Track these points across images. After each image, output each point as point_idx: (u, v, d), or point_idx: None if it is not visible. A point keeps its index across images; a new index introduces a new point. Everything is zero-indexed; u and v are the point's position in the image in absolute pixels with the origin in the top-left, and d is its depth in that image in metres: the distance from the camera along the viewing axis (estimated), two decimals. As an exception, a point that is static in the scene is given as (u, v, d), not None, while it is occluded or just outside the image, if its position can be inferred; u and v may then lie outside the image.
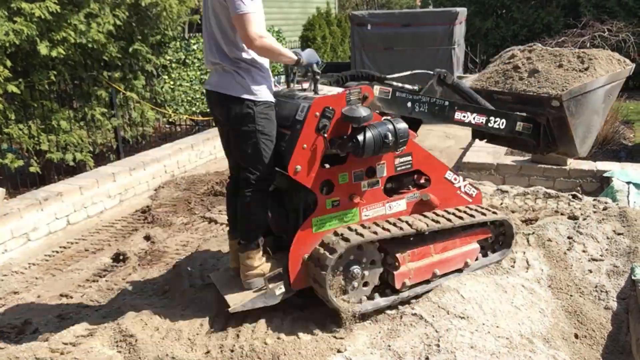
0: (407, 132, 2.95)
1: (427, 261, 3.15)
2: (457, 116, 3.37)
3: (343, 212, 3.06)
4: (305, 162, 2.90)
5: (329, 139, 2.89)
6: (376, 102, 3.11)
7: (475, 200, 3.47)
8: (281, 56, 2.97)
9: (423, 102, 3.27)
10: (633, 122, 8.77)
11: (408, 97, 3.22)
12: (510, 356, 2.58)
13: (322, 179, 2.98)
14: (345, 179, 3.02)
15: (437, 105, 3.31)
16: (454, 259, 3.25)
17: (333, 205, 3.02)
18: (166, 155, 6.77)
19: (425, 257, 3.15)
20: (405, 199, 3.23)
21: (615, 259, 3.48)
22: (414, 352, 2.63)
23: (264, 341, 2.81)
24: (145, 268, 4.12)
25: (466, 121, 3.39)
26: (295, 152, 2.86)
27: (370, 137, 2.85)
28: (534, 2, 12.65)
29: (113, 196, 5.82)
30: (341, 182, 3.02)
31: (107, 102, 6.56)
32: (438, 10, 11.42)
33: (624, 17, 11.41)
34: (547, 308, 3.04)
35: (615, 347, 2.83)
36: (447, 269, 3.24)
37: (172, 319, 3.11)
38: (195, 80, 7.96)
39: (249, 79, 2.94)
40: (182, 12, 7.14)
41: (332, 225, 3.05)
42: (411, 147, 3.15)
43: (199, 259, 3.80)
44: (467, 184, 3.45)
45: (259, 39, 2.82)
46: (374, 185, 3.12)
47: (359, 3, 22.51)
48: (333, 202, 3.02)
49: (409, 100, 3.22)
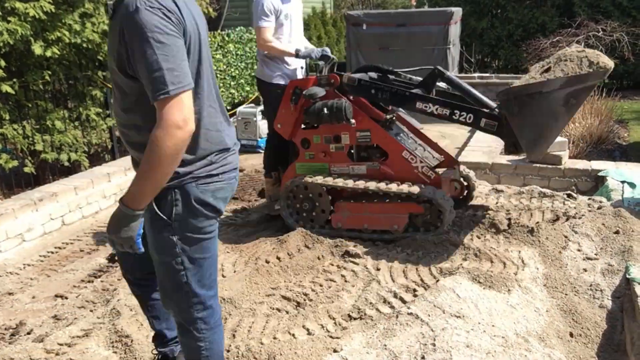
0: (342, 109, 3.89)
1: (358, 214, 4.01)
2: (418, 105, 3.91)
3: (317, 164, 4.20)
4: (283, 122, 4.26)
5: (302, 108, 4.11)
6: (344, 87, 4.07)
7: (432, 182, 3.98)
8: (281, 53, 4.42)
9: (385, 91, 3.98)
10: (627, 121, 8.81)
11: (372, 85, 4.01)
12: (506, 355, 2.59)
13: (302, 137, 4.22)
14: (319, 139, 4.17)
15: (399, 95, 3.96)
16: (383, 221, 3.96)
17: (310, 157, 4.22)
18: (161, 155, 6.73)
19: (358, 211, 4.02)
20: (366, 165, 4.11)
21: (610, 257, 3.49)
22: (409, 351, 2.64)
23: (260, 341, 2.81)
24: (141, 268, 4.10)
25: (428, 111, 3.90)
26: (277, 114, 4.27)
27: (313, 109, 3.99)
28: (528, 2, 12.67)
29: (108, 196, 5.81)
30: (315, 142, 4.19)
31: (102, 102, 6.53)
32: (433, 10, 11.42)
33: (618, 17, 11.45)
34: (542, 307, 3.05)
35: (610, 346, 2.84)
36: (376, 227, 3.99)
37: (167, 319, 3.10)
38: (191, 80, 7.95)
39: (266, 67, 4.51)
40: (178, 12, 7.12)
41: (309, 171, 4.21)
42: (370, 126, 4.04)
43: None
44: (425, 166, 4.00)
45: (265, 44, 4.37)
46: (340, 149, 4.14)
47: (354, 3, 22.50)
48: (309, 154, 4.22)
49: (372, 88, 4.01)
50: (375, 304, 3.08)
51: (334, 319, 2.99)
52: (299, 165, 4.25)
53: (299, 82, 4.22)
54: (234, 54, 8.78)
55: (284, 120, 4.24)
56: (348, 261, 3.59)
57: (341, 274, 3.44)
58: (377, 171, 4.06)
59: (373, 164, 4.08)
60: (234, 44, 8.80)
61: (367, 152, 4.19)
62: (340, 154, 4.14)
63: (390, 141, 4.06)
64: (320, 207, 4.17)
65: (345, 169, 4.14)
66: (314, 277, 3.43)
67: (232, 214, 5.22)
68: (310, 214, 4.21)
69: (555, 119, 3.53)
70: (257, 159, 7.65)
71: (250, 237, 4.33)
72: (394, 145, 4.05)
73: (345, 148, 4.13)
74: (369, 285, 3.27)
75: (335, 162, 4.16)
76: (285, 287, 3.35)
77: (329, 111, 3.93)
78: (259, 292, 3.32)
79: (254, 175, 6.73)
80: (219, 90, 2.80)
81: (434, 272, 3.35)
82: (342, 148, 4.13)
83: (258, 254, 3.80)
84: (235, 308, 3.13)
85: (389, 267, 3.47)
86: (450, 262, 3.44)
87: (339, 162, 4.15)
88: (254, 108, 8.10)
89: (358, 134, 4.06)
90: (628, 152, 7.09)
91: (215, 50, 8.36)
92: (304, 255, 3.70)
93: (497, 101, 3.74)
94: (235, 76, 8.86)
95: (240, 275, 3.48)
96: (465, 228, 4.09)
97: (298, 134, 4.23)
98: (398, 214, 3.93)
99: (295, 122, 4.19)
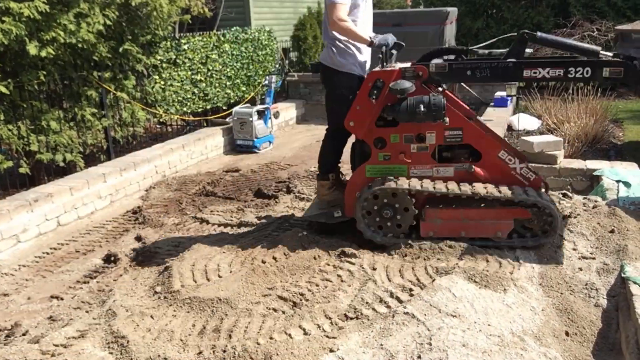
0: (441, 105, 3.49)
1: (455, 222, 3.61)
2: (526, 73, 3.54)
3: (393, 166, 3.75)
4: (357, 119, 3.72)
5: (382, 105, 3.61)
6: (434, 77, 3.64)
7: (532, 184, 3.66)
8: (355, 36, 3.79)
9: (484, 68, 3.59)
10: (622, 121, 8.84)
11: (466, 66, 3.62)
12: (502, 354, 2.59)
13: (376, 136, 3.73)
14: (397, 139, 3.71)
15: (500, 68, 3.58)
16: (485, 228, 3.60)
17: (384, 158, 3.75)
18: (157, 155, 6.74)
19: (455, 218, 3.62)
20: (454, 167, 3.71)
21: (605, 256, 3.50)
22: (406, 350, 2.64)
23: (256, 341, 2.81)
24: (137, 269, 4.10)
25: (539, 77, 3.53)
26: (350, 111, 3.74)
27: (405, 106, 3.52)
28: (524, 2, 12.71)
29: (104, 197, 5.79)
30: (393, 141, 3.72)
31: (98, 102, 6.52)
32: (429, 10, 11.44)
33: (613, 17, 11.49)
34: (538, 306, 3.06)
35: (605, 344, 2.85)
36: (475, 234, 3.62)
37: (164, 319, 3.10)
38: (186, 80, 7.92)
39: (337, 54, 3.88)
40: (173, 11, 7.10)
41: (382, 173, 3.77)
42: (463, 123, 3.65)
43: (190, 259, 3.79)
44: (524, 167, 3.66)
45: (339, 22, 3.70)
46: (423, 149, 3.70)
47: (350, 3, 22.50)
48: (385, 155, 3.75)
49: (467, 69, 3.62)
50: (372, 303, 3.08)
51: (331, 319, 2.99)
52: (370, 168, 3.79)
53: (381, 74, 3.64)
54: (229, 54, 8.77)
55: (360, 117, 3.72)
56: (344, 261, 3.59)
57: (337, 273, 3.44)
58: (468, 173, 3.67)
59: (462, 165, 3.69)
60: (230, 44, 8.79)
61: (452, 152, 3.79)
62: (423, 155, 3.71)
63: (485, 140, 3.69)
64: (402, 214, 3.72)
65: (429, 171, 3.73)
66: (310, 277, 3.43)
67: (228, 215, 5.21)
68: (391, 222, 3.75)
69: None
70: (252, 159, 7.65)
71: (247, 237, 4.32)
72: (490, 145, 3.69)
73: (430, 148, 3.71)
74: (365, 285, 3.27)
75: (416, 163, 3.73)
76: (281, 287, 3.34)
77: (426, 109, 3.48)
78: (255, 292, 3.31)
79: (250, 175, 6.73)
80: (214, 90, 2.80)
81: (430, 271, 3.35)
82: (425, 148, 3.70)
83: (254, 254, 3.80)
84: (232, 308, 3.13)
85: (385, 266, 3.47)
86: (446, 262, 3.45)
87: (421, 163, 3.72)
88: (250, 108, 8.09)
89: (448, 132, 3.65)
90: (623, 152, 7.12)
91: (210, 51, 8.35)
92: (300, 255, 3.70)
93: None
94: (231, 76, 8.85)
95: (237, 276, 3.48)
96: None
97: (371, 132, 3.74)
98: (502, 220, 3.58)
99: (372, 119, 3.71)
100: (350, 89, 3.83)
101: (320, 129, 9.41)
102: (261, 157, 7.70)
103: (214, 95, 8.52)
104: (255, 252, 3.82)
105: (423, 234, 3.68)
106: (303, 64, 12.33)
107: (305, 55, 12.41)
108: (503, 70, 3.59)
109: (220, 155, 8.02)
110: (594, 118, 7.37)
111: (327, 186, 4.15)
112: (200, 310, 3.14)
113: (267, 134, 8.27)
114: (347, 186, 3.88)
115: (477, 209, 3.62)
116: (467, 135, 3.67)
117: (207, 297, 3.23)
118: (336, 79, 3.93)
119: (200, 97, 8.26)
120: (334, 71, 3.92)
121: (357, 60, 3.91)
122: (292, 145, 8.42)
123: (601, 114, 7.52)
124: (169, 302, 3.29)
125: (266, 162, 7.36)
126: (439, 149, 3.76)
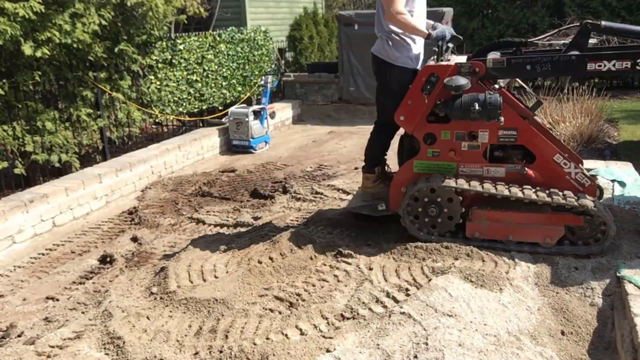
0: (497, 105, 3.37)
1: (502, 224, 3.53)
2: (590, 67, 3.40)
3: (442, 163, 3.68)
4: (408, 113, 3.64)
5: (435, 100, 3.53)
6: (491, 73, 3.53)
7: (586, 190, 3.55)
8: (413, 30, 3.68)
9: (544, 62, 3.44)
10: (617, 120, 8.88)
11: (526, 60, 3.47)
12: (498, 353, 2.60)
13: (426, 131, 3.66)
14: (447, 136, 3.62)
15: (562, 62, 3.42)
16: (532, 232, 3.51)
17: (433, 154, 3.68)
18: (153, 156, 6.73)
19: (502, 220, 3.53)
20: (505, 168, 3.62)
21: (600, 256, 3.51)
22: (402, 350, 2.64)
23: (252, 342, 2.81)
24: (133, 269, 4.09)
25: (604, 70, 3.39)
26: (401, 104, 3.66)
27: (459, 104, 3.42)
28: (519, 2, 12.74)
29: (99, 197, 5.78)
30: (443, 138, 3.64)
31: (93, 102, 6.51)
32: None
33: (608, 17, 11.54)
34: (534, 305, 3.07)
35: (601, 343, 2.86)
36: (523, 239, 3.53)
37: (160, 320, 3.09)
38: (182, 80, 7.91)
39: (392, 47, 3.77)
40: (168, 11, 7.09)
41: (430, 170, 3.71)
42: (518, 123, 3.55)
43: (186, 260, 3.78)
44: (580, 172, 3.56)
45: (397, 15, 3.60)
46: (474, 148, 3.61)
47: (346, 3, 22.51)
48: (434, 152, 3.68)
49: (527, 64, 3.47)
50: (368, 303, 3.09)
51: (327, 319, 2.99)
52: (418, 163, 3.73)
53: (435, 69, 3.55)
54: (225, 54, 8.77)
55: (411, 112, 3.64)
56: (340, 261, 3.60)
57: (334, 274, 3.45)
58: (520, 175, 3.58)
59: (515, 167, 3.59)
60: (226, 44, 8.78)
61: (504, 152, 3.71)
62: (474, 153, 3.62)
63: (540, 142, 3.58)
64: (449, 213, 3.65)
65: (479, 170, 3.64)
66: (306, 277, 3.43)
67: (224, 215, 5.21)
68: (436, 220, 3.69)
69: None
70: (249, 159, 7.64)
71: (243, 237, 4.32)
72: (545, 147, 3.57)
73: (482, 147, 3.62)
74: (361, 285, 3.27)
75: (466, 162, 3.64)
76: (278, 287, 3.34)
77: (482, 107, 3.37)
78: (251, 292, 3.31)
79: (246, 175, 6.72)
80: (210, 90, 2.79)
81: (426, 271, 3.36)
82: (477, 147, 3.61)
83: (250, 254, 3.79)
84: (228, 309, 3.13)
85: (381, 266, 3.47)
86: (442, 262, 3.45)
87: (471, 162, 3.64)
88: (246, 108, 8.08)
89: (501, 132, 3.55)
90: (618, 151, 7.15)
91: (206, 51, 8.34)
92: (296, 255, 3.70)
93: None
94: (227, 76, 8.85)
95: (233, 276, 3.48)
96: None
97: (422, 127, 3.67)
98: (552, 226, 3.49)
99: (424, 114, 3.62)
100: (404, 83, 3.74)
101: (315, 129, 9.46)
102: (257, 158, 7.69)
103: (209, 96, 8.51)
104: (252, 253, 3.82)
105: (469, 235, 3.62)
106: (299, 64, 12.33)
107: (301, 55, 12.42)
108: (565, 64, 3.42)
109: (217, 155, 8.01)
110: (589, 118, 7.40)
111: (373, 179, 4.13)
112: (197, 311, 3.14)
113: (263, 134, 8.26)
114: (393, 181, 3.84)
115: (526, 213, 3.52)
116: (521, 136, 3.57)
117: (203, 297, 3.22)
118: (390, 73, 3.83)
119: (196, 97, 8.25)
120: (389, 64, 3.81)
121: (412, 54, 3.82)
122: (288, 145, 8.42)
123: (596, 113, 7.54)
124: (165, 302, 3.29)
125: (262, 162, 7.36)
126: (490, 148, 3.68)
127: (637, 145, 7.46)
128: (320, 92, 10.66)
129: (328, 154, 7.62)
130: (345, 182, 5.88)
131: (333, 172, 6.52)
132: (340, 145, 8.11)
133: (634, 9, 11.75)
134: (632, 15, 11.69)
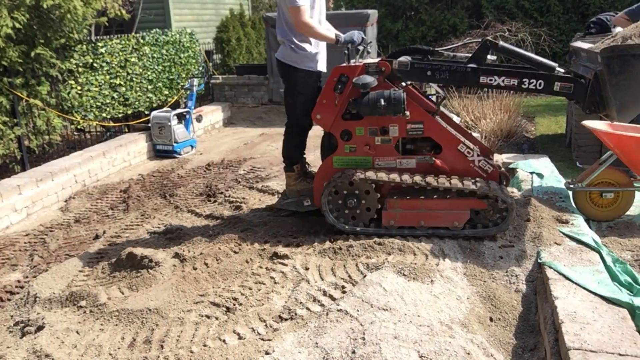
0: (401, 100, 3.64)
1: (414, 211, 3.78)
2: (482, 80, 3.72)
3: (358, 157, 3.92)
4: (323, 112, 3.89)
5: (347, 98, 3.78)
6: (396, 74, 3.79)
7: (489, 176, 3.82)
8: (322, 37, 3.99)
9: (443, 70, 3.76)
10: (534, 116, 9.39)
11: (427, 67, 3.79)
12: (432, 343, 2.69)
13: (342, 128, 3.89)
14: (362, 132, 3.87)
15: (459, 72, 3.73)
16: (441, 217, 3.76)
17: (350, 150, 3.92)
18: (76, 164, 6.45)
19: (414, 208, 3.78)
20: (416, 159, 3.88)
21: (522, 244, 3.71)
22: (341, 347, 2.68)
23: (189, 350, 2.75)
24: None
25: (494, 84, 3.74)
26: (317, 104, 3.92)
27: (367, 100, 3.68)
28: (440, 4, 13.19)
29: (19, 210, 5.47)
30: (358, 134, 3.88)
31: (9, 110, 6.14)
32: (350, 12, 11.63)
33: (522, 18, 12.19)
34: (463, 295, 3.19)
35: (526, 327, 3.02)
36: (434, 224, 3.78)
37: (90, 334, 2.97)
38: (105, 84, 7.62)
39: (295, 52, 4.03)
40: (88, 14, 6.81)
41: (348, 165, 3.94)
42: (423, 117, 3.81)
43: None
44: (482, 160, 3.82)
45: (305, 26, 3.87)
46: (386, 142, 3.86)
47: (272, 5, 22.46)
48: (350, 147, 3.91)
49: (428, 70, 3.78)
50: (305, 303, 3.11)
51: (265, 322, 2.98)
52: (337, 159, 3.96)
53: (345, 69, 3.82)
54: (150, 57, 8.53)
55: (326, 111, 3.89)
56: (277, 263, 3.59)
57: (270, 275, 3.44)
58: (429, 165, 3.84)
59: (424, 158, 3.86)
60: (150, 47, 8.54)
61: (415, 144, 3.96)
62: (386, 147, 3.88)
63: (445, 134, 3.86)
64: (367, 204, 3.88)
65: (392, 162, 3.90)
66: (243, 281, 3.40)
67: (156, 222, 5.07)
68: (354, 211, 3.91)
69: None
70: (177, 163, 7.47)
71: (172, 245, 4.22)
72: (449, 138, 3.86)
73: (393, 141, 3.88)
74: (298, 285, 3.29)
75: (380, 155, 3.90)
76: (214, 292, 3.30)
77: (387, 103, 3.64)
78: (186, 300, 3.25)
79: (177, 180, 6.57)
80: (135, 94, 2.71)
81: (360, 267, 3.42)
82: (389, 141, 3.87)
83: (184, 261, 3.71)
84: (162, 318, 3.05)
85: (317, 265, 3.50)
86: (376, 257, 3.53)
87: (384, 155, 3.89)
88: (168, 112, 7.90)
89: (409, 126, 3.82)
90: (535, 145, 7.57)
91: (130, 54, 8.08)
92: (232, 259, 3.66)
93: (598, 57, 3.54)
94: (152, 80, 8.60)
95: (166, 284, 3.39)
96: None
97: (338, 125, 3.91)
98: (459, 210, 3.75)
99: (338, 112, 3.86)
100: (308, 85, 4.07)
101: (247, 132, 9.37)
102: (187, 162, 7.54)
103: (134, 100, 8.24)
104: (185, 259, 3.74)
105: (385, 223, 3.84)
106: (227, 66, 12.18)
107: (229, 57, 12.27)
108: (462, 74, 3.74)
109: (144, 161, 7.78)
110: (507, 114, 7.78)
111: (294, 177, 4.36)
112: (129, 322, 3.04)
113: (189, 138, 8.10)
114: (316, 177, 4.05)
115: (435, 199, 3.79)
116: (427, 129, 3.83)
117: (135, 308, 3.13)
118: (295, 76, 4.09)
119: (120, 101, 7.97)
120: (293, 68, 4.07)
121: (314, 57, 4.09)
122: (219, 148, 8.31)
123: (514, 109, 7.94)
124: (95, 316, 3.16)
125: (192, 167, 7.22)
126: (402, 142, 3.92)
127: (552, 139, 7.94)
128: (250, 94, 10.60)
129: (260, 156, 7.58)
130: (279, 183, 5.87)
131: (266, 174, 6.50)
132: (272, 147, 8.09)
133: (544, 11, 12.48)
134: (543, 17, 12.41)
